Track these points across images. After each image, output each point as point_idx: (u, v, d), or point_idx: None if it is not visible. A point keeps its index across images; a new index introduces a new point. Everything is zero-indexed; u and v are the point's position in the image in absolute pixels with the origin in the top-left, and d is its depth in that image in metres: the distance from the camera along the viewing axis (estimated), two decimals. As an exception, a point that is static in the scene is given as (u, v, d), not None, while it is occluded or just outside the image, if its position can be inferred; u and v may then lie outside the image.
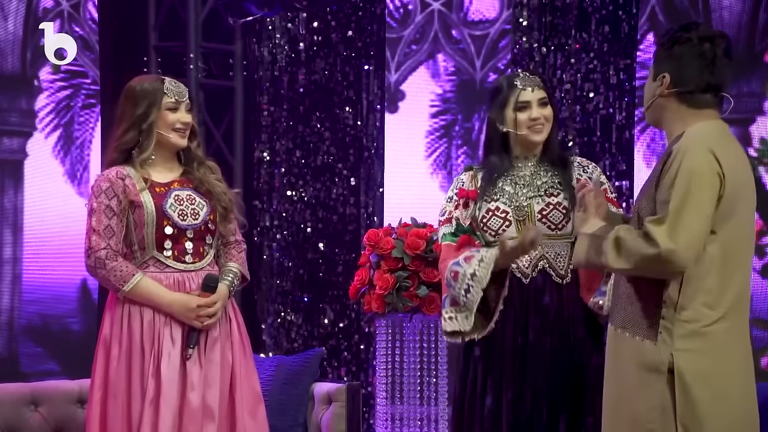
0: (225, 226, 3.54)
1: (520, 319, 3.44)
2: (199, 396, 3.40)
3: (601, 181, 3.49)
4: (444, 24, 6.58)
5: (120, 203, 3.45)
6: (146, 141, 3.48)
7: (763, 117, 6.20)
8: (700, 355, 2.85)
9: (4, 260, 6.45)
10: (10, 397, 4.14)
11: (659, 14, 6.09)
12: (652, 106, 2.97)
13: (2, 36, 6.43)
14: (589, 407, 3.41)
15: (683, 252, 2.79)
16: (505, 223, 3.50)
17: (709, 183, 2.81)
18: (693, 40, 2.91)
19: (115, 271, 3.42)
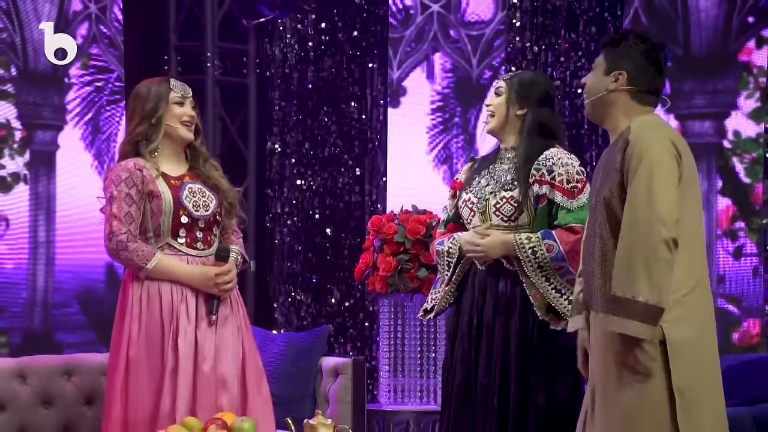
0: (229, 219, 3.56)
1: (479, 301, 3.46)
2: (210, 367, 3.41)
3: (559, 172, 3.43)
4: (442, 25, 6.62)
5: (139, 192, 3.45)
6: (154, 133, 3.48)
7: (737, 111, 6.20)
8: (684, 323, 2.85)
9: (38, 243, 6.56)
10: (46, 368, 4.11)
11: (642, 16, 6.16)
12: (600, 99, 2.98)
13: (36, 37, 6.49)
14: (540, 383, 3.41)
15: (664, 221, 2.80)
16: (471, 213, 3.53)
17: (670, 163, 2.85)
18: (649, 46, 2.99)
19: (137, 252, 3.42)
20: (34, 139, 6.53)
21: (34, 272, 6.48)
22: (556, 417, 3.39)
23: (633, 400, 2.86)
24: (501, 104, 3.52)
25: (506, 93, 3.52)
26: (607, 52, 3.01)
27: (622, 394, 2.87)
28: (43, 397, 4.04)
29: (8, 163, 6.44)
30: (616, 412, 2.90)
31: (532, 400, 3.39)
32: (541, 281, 3.39)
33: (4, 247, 6.41)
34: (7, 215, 6.44)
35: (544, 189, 3.42)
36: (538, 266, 3.38)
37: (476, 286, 3.47)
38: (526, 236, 3.40)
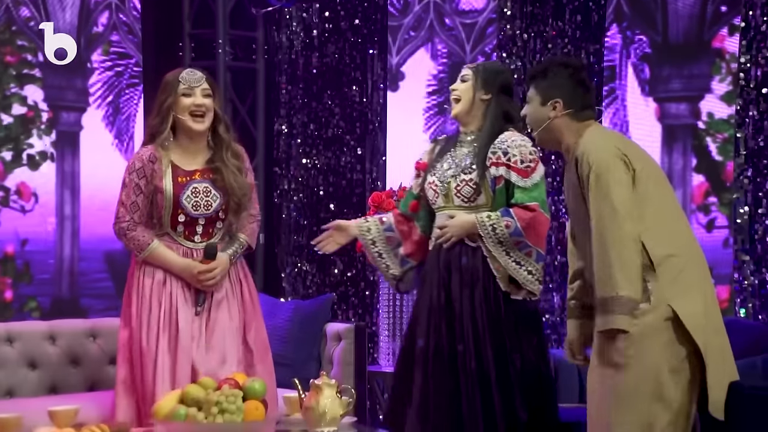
0: (236, 217, 3.51)
1: (444, 276, 3.47)
2: (201, 345, 3.41)
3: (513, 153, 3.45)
4: (438, 13, 6.60)
5: (147, 184, 3.43)
6: (163, 123, 3.44)
7: (711, 95, 6.15)
8: (688, 299, 2.87)
9: (65, 217, 6.62)
10: (73, 331, 4.16)
11: (624, 5, 6.13)
12: (546, 127, 3.03)
13: (61, 25, 6.51)
14: (515, 347, 3.44)
15: (624, 224, 2.82)
16: (436, 195, 3.55)
17: (618, 167, 2.87)
18: (571, 71, 3.05)
19: (133, 240, 3.43)
20: (60, 120, 6.55)
21: (61, 243, 6.51)
22: (530, 376, 3.43)
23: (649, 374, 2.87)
24: (467, 90, 3.51)
25: (472, 80, 3.51)
26: (537, 84, 3.05)
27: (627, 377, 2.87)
28: (70, 357, 4.08)
29: (36, 143, 6.45)
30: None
31: (510, 362, 3.42)
32: (502, 255, 3.42)
33: (34, 221, 6.42)
34: (35, 191, 6.44)
35: (500, 170, 3.45)
36: (498, 242, 3.42)
37: (441, 263, 3.48)
38: (487, 215, 3.44)
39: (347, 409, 3.03)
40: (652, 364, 2.84)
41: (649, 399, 2.85)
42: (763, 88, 4.17)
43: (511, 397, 3.39)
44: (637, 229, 2.83)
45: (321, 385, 3.01)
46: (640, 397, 2.86)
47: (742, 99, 4.26)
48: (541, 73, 3.06)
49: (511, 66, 4.91)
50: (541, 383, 3.44)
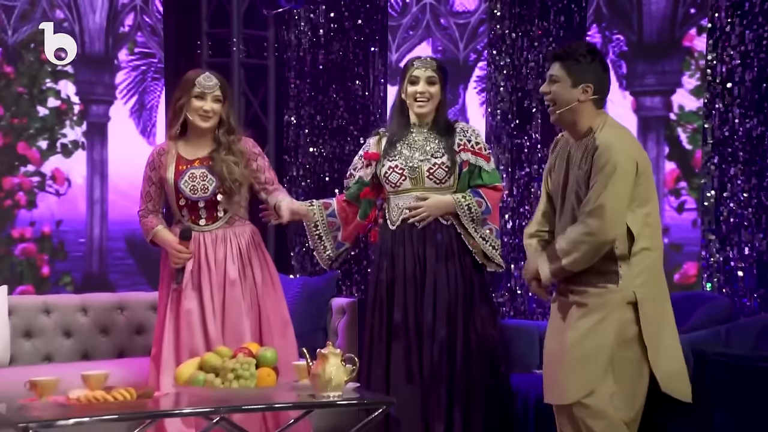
0: (229, 202, 3.49)
1: (418, 252, 3.48)
2: (213, 323, 3.40)
3: (476, 141, 3.53)
4: (434, 14, 6.66)
5: (156, 174, 3.50)
6: (175, 119, 3.49)
7: (681, 89, 6.22)
8: (651, 286, 2.89)
9: (94, 200, 6.62)
10: (102, 304, 4.17)
11: (603, 7, 6.16)
12: (571, 108, 2.96)
13: (91, 26, 6.51)
14: (479, 314, 3.48)
15: (611, 228, 2.83)
16: (402, 178, 3.54)
17: (629, 173, 2.86)
18: (600, 59, 3.00)
19: (144, 226, 3.52)
20: (90, 112, 6.56)
21: (91, 224, 6.53)
22: (488, 342, 3.49)
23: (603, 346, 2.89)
24: (438, 92, 3.54)
25: (440, 82, 3.55)
26: (569, 67, 2.95)
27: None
28: (100, 327, 4.10)
29: (69, 133, 6.47)
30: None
31: (473, 328, 3.46)
32: (475, 232, 3.49)
33: (67, 203, 6.44)
34: (68, 176, 6.46)
35: (468, 156, 3.51)
36: (471, 220, 3.48)
37: (414, 239, 3.49)
38: (462, 195, 3.49)
39: (351, 376, 3.03)
40: (607, 336, 2.86)
41: (597, 367, 2.87)
42: (727, 83, 4.16)
43: (471, 362, 3.44)
44: (616, 231, 2.84)
45: (327, 354, 2.99)
46: (590, 363, 2.87)
47: (709, 93, 4.24)
48: (576, 57, 2.96)
49: (500, 62, 4.90)
50: (495, 348, 3.50)
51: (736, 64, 4.12)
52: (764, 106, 4.07)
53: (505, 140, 4.87)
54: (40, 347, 3.98)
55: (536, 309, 4.76)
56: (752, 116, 4.09)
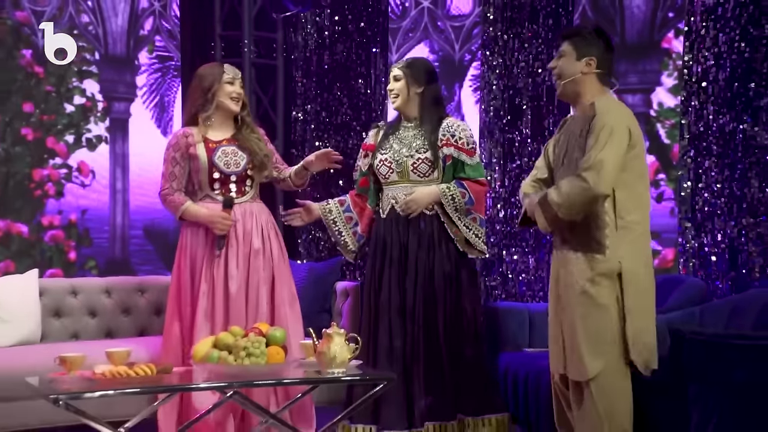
0: (260, 174, 3.54)
1: (403, 239, 3.49)
2: (235, 287, 3.40)
3: (460, 136, 3.51)
4: (432, 17, 6.64)
5: (182, 156, 3.46)
6: (209, 105, 3.48)
7: (660, 87, 6.23)
8: (636, 257, 2.87)
9: (117, 190, 6.61)
10: (124, 286, 4.18)
11: (588, 11, 6.16)
12: (574, 80, 2.95)
13: (114, 29, 6.49)
14: (465, 299, 3.47)
15: (602, 183, 2.81)
16: (390, 171, 3.55)
17: (623, 135, 2.83)
18: (605, 37, 2.98)
19: (172, 203, 3.47)
20: (112, 109, 6.56)
21: (114, 213, 6.53)
22: (472, 324, 3.49)
23: (595, 312, 2.91)
24: (402, 87, 3.53)
25: (404, 78, 3.52)
26: (575, 42, 2.95)
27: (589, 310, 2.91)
28: (122, 307, 4.10)
29: (93, 128, 6.47)
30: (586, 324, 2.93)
31: (462, 312, 3.45)
32: (458, 220, 3.46)
33: (92, 194, 6.44)
34: (93, 169, 6.46)
35: (450, 150, 3.49)
36: (455, 209, 3.46)
37: (400, 227, 3.50)
38: (446, 186, 3.48)
39: (354, 354, 3.01)
40: (600, 303, 2.87)
41: (595, 331, 2.88)
42: (702, 82, 4.15)
43: (453, 342, 3.43)
44: (606, 186, 2.82)
45: (332, 334, 2.97)
46: (590, 327, 2.89)
47: (686, 91, 4.23)
48: (582, 34, 2.97)
49: (493, 62, 4.89)
50: (478, 329, 3.50)
51: (710, 65, 4.11)
52: (736, 104, 4.06)
53: (497, 135, 4.87)
54: (68, 326, 3.99)
55: (526, 292, 4.77)
56: (725, 113, 4.09)
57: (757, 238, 4.00)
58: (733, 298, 3.57)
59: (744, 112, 4.06)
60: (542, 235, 4.76)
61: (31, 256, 6.22)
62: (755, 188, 4.02)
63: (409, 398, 3.41)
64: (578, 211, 2.87)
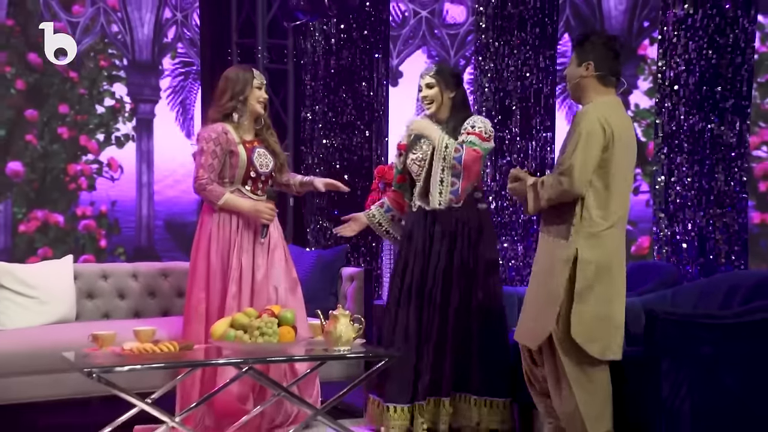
0: (280, 174, 3.57)
1: (429, 231, 3.45)
2: (263, 275, 3.41)
3: (479, 126, 3.42)
4: (429, 26, 6.62)
5: (222, 150, 3.42)
6: (243, 108, 3.44)
7: (637, 90, 6.31)
8: (593, 249, 2.87)
9: (142, 184, 6.59)
10: (150, 271, 4.14)
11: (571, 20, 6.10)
12: (576, 84, 2.93)
13: (140, 37, 6.48)
14: (479, 284, 3.41)
15: (574, 184, 2.82)
16: (420, 168, 3.50)
17: (597, 137, 2.80)
18: (605, 40, 2.92)
19: (212, 192, 3.41)
20: (139, 110, 6.55)
21: (140, 205, 6.53)
22: (491, 309, 3.45)
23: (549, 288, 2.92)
24: (437, 94, 3.47)
25: (437, 85, 3.47)
26: (577, 48, 2.94)
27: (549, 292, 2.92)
28: (148, 290, 4.08)
29: (122, 127, 6.47)
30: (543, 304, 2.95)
31: (477, 297, 3.42)
32: (438, 166, 3.38)
33: (121, 187, 6.45)
34: (121, 164, 6.47)
35: (464, 137, 3.40)
36: (443, 158, 3.37)
37: (427, 219, 3.45)
38: (448, 138, 3.40)
39: (358, 333, 3.03)
40: (554, 281, 2.89)
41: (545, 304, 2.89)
42: (674, 86, 4.16)
43: (488, 324, 3.40)
44: (580, 187, 2.82)
45: (338, 315, 2.99)
46: (542, 301, 2.91)
47: (660, 94, 4.24)
48: (582, 40, 2.94)
49: (485, 67, 4.89)
50: (496, 313, 3.45)
51: (681, 70, 4.13)
52: (704, 105, 4.08)
53: (489, 133, 4.88)
54: (100, 306, 3.99)
55: (515, 276, 4.79)
56: (695, 114, 4.11)
57: (723, 227, 4.02)
58: (702, 281, 3.57)
59: (711, 112, 4.08)
60: (530, 225, 4.78)
61: (67, 243, 6.24)
62: (721, 182, 4.03)
63: (416, 374, 3.40)
64: (560, 200, 2.89)
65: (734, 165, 4.10)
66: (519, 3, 4.84)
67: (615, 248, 2.89)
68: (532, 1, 4.84)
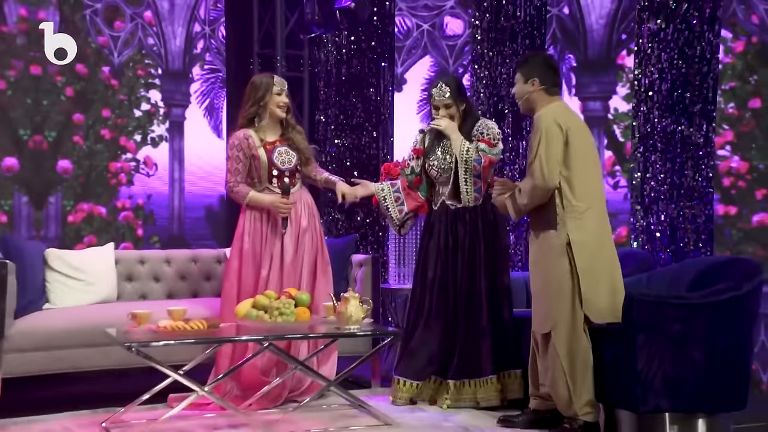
0: (306, 168, 3.56)
1: (452, 227, 3.45)
2: (290, 259, 3.41)
3: (487, 132, 3.43)
4: (430, 37, 6.61)
5: (245, 155, 3.44)
6: (263, 112, 3.45)
7: (616, 95, 6.28)
8: (581, 230, 2.89)
9: (174, 179, 6.61)
10: (181, 257, 4.15)
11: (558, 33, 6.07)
12: (526, 99, 3.00)
13: (173, 49, 6.50)
14: (502, 271, 3.42)
15: (545, 179, 2.85)
16: (438, 173, 3.50)
17: (555, 134, 2.86)
18: (543, 59, 3.04)
19: (238, 194, 3.44)
20: (171, 113, 6.57)
21: (172, 198, 6.56)
22: (502, 295, 3.45)
23: (552, 276, 2.94)
24: (454, 111, 3.47)
25: (453, 103, 3.47)
26: (522, 69, 3.03)
27: (548, 274, 2.95)
28: (180, 274, 4.10)
29: (156, 129, 6.49)
30: (544, 286, 2.97)
31: (500, 280, 3.42)
32: (462, 170, 3.39)
33: (155, 182, 6.47)
34: (156, 162, 6.49)
35: (477, 144, 3.41)
36: (464, 161, 3.40)
37: (448, 216, 3.46)
38: (469, 144, 3.40)
39: (366, 314, 3.06)
40: (556, 269, 2.91)
41: (553, 292, 2.92)
42: (649, 92, 4.16)
43: (500, 307, 3.40)
44: (550, 180, 2.86)
45: (349, 297, 3.02)
46: (554, 291, 2.92)
47: (636, 99, 4.24)
48: (524, 61, 3.03)
49: (481, 75, 4.88)
50: (508, 295, 3.46)
51: (655, 78, 4.13)
52: (675, 110, 4.09)
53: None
54: (138, 288, 4.01)
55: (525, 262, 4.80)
56: (667, 117, 4.11)
57: (692, 218, 4.03)
58: (673, 266, 3.57)
59: (682, 116, 4.09)
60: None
61: (108, 232, 6.28)
62: (690, 178, 4.04)
63: (433, 353, 3.40)
64: (535, 202, 2.92)
65: (701, 163, 4.11)
66: (511, 17, 4.83)
67: (599, 226, 2.94)
68: (522, 16, 4.83)
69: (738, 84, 5.97)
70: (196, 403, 3.13)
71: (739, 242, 5.88)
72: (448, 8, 6.60)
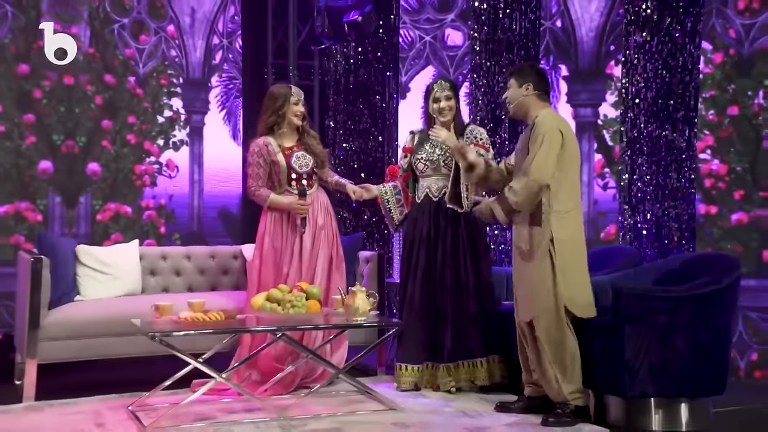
0: (322, 170, 3.57)
1: (434, 219, 3.45)
2: (308, 254, 3.41)
3: (480, 137, 3.46)
4: (432, 48, 6.60)
5: (265, 161, 3.46)
6: (282, 121, 3.46)
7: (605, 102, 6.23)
8: (563, 229, 2.92)
9: (194, 181, 6.64)
10: (200, 253, 4.16)
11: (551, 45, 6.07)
12: (518, 103, 3.03)
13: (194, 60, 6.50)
14: (480, 264, 3.41)
15: (543, 177, 2.88)
16: (425, 166, 3.51)
17: (556, 139, 2.90)
18: (537, 68, 3.08)
19: (259, 197, 3.46)
20: (192, 119, 6.58)
21: (192, 198, 6.58)
22: (485, 285, 3.46)
23: (534, 270, 2.94)
24: (454, 104, 3.49)
25: (454, 96, 3.48)
26: (516, 75, 3.05)
27: (532, 270, 2.95)
28: (199, 269, 4.10)
29: (178, 134, 6.49)
30: (527, 282, 2.97)
31: (486, 270, 3.42)
32: (464, 177, 3.37)
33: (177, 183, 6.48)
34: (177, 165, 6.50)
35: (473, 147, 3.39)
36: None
37: (431, 209, 3.47)
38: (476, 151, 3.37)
39: (373, 306, 3.07)
40: (538, 264, 2.92)
41: (535, 284, 2.93)
42: (636, 99, 4.16)
43: (483, 295, 3.42)
44: (547, 178, 2.88)
45: (356, 291, 3.04)
46: (536, 283, 2.93)
47: (624, 106, 4.24)
48: (519, 69, 3.07)
49: (479, 83, 4.87)
50: (489, 288, 3.48)
51: (641, 86, 4.13)
52: (660, 116, 4.10)
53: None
54: (160, 282, 4.02)
55: (504, 258, 4.79)
56: (652, 122, 4.11)
57: (675, 217, 4.04)
58: (658, 262, 3.57)
59: (666, 122, 4.10)
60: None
61: (134, 230, 6.30)
62: (674, 179, 4.05)
63: (421, 338, 3.41)
64: (530, 201, 2.92)
65: (684, 165, 4.12)
66: (507, 30, 4.82)
67: (579, 226, 2.97)
68: (518, 29, 4.83)
69: (717, 92, 5.96)
70: (215, 389, 3.14)
71: (720, 239, 5.87)
72: (449, 21, 6.60)
